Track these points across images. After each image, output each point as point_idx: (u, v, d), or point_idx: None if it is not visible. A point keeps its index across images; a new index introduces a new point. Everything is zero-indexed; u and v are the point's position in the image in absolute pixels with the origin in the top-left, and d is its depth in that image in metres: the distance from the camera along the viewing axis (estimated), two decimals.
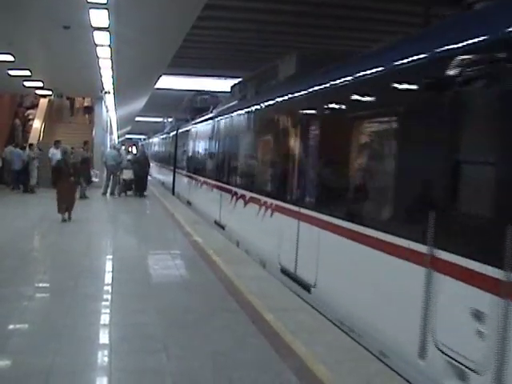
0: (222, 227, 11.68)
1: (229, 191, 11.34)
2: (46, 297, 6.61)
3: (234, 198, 10.79)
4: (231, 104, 12.94)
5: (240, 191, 10.42)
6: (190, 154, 18.60)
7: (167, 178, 25.53)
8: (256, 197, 9.15)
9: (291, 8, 16.48)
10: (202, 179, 15.29)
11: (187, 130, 19.59)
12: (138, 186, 19.79)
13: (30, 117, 26.72)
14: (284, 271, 7.48)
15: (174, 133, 23.60)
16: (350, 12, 16.54)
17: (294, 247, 7.10)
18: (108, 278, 7.40)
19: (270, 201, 8.42)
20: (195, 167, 17.11)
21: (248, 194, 9.78)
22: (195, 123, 17.95)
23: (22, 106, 27.83)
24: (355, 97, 5.98)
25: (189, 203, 17.29)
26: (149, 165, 21.23)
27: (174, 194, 21.95)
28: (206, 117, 15.91)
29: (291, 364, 4.42)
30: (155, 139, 38.42)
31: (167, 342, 4.89)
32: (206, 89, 25.93)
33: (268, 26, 18.92)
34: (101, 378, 4.30)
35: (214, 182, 13.25)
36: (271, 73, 10.06)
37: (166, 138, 29.28)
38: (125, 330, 5.23)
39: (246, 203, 9.91)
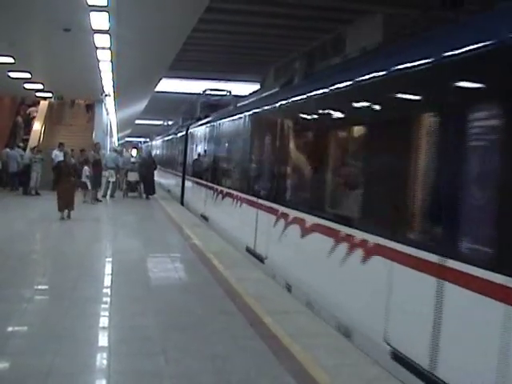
0: (260, 259, 8.64)
1: (272, 211, 8.21)
2: (46, 299, 6.60)
3: (283, 220, 7.74)
4: (270, 93, 9.98)
5: (294, 213, 7.34)
6: (207, 158, 15.21)
7: (174, 184, 22.40)
8: (330, 226, 6.07)
9: (290, 11, 16.53)
10: (225, 190, 12.00)
11: (202, 130, 16.37)
12: (146, 187, 19.89)
13: (34, 114, 26.39)
14: (401, 359, 4.43)
15: (184, 133, 20.26)
16: (349, 15, 16.58)
17: (428, 324, 4.07)
18: (107, 281, 7.39)
19: (361, 235, 5.27)
20: (215, 175, 13.69)
21: (310, 219, 6.71)
22: (214, 120, 14.66)
23: (24, 103, 27.53)
24: None
25: (204, 218, 14.13)
26: (155, 166, 21.23)
27: (182, 203, 18.95)
28: (231, 111, 12.93)
29: (289, 367, 4.41)
30: (158, 141, 34.88)
31: (166, 344, 4.88)
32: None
33: (267, 30, 18.98)
34: (99, 380, 4.29)
35: (245, 196, 10.03)
36: (334, 47, 7.61)
37: (172, 140, 25.77)
38: (123, 333, 5.22)
39: (305, 231, 6.84)
